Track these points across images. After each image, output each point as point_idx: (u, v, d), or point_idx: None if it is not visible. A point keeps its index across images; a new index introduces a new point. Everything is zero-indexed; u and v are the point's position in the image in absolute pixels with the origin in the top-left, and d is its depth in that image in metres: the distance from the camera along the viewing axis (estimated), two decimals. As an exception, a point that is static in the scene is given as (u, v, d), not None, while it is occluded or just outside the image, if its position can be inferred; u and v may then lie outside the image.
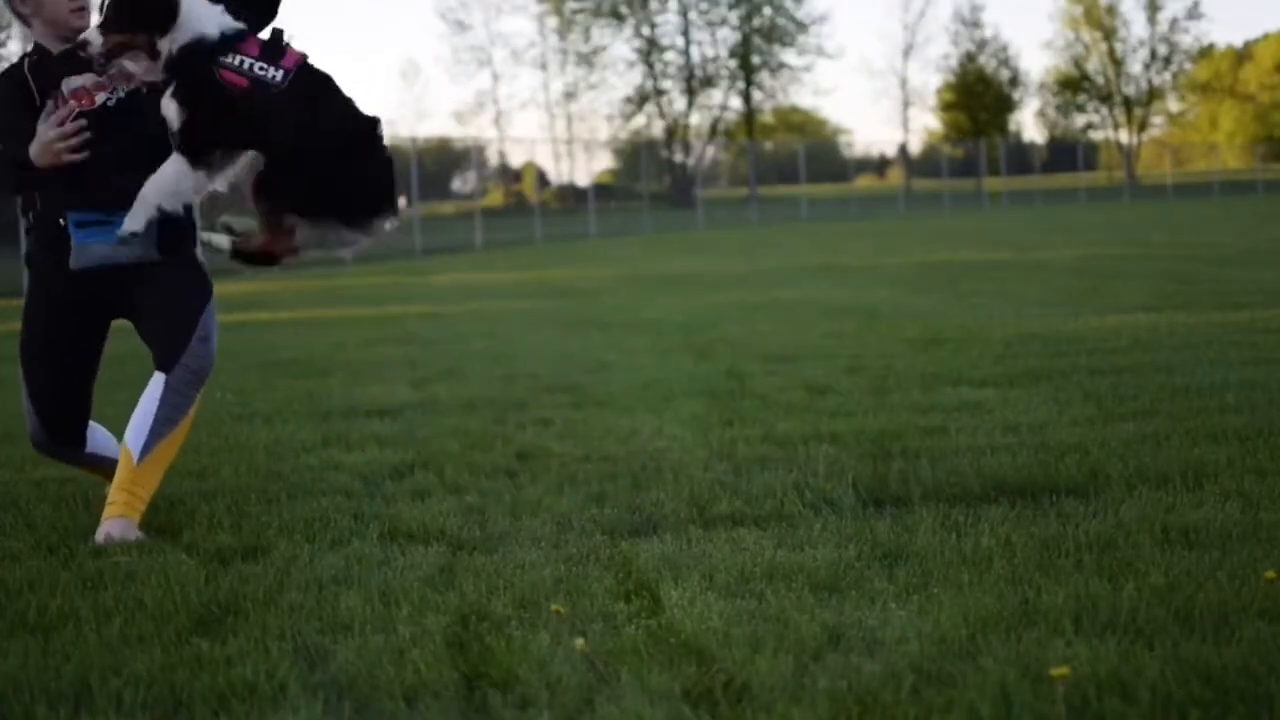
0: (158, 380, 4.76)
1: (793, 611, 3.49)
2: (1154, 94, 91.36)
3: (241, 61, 4.37)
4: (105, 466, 5.11)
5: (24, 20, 4.88)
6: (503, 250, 36.68)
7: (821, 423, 6.35)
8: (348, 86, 4.57)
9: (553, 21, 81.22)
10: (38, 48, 4.89)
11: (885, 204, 63.81)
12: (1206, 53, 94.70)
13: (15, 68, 4.92)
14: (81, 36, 4.50)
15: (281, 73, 4.38)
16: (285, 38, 4.48)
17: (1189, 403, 6.45)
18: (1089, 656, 3.04)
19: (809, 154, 63.44)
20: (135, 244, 4.68)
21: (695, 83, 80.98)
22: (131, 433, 4.73)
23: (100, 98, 4.77)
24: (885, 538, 4.18)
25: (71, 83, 4.78)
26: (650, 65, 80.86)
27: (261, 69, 4.37)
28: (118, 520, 4.63)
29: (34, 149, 4.66)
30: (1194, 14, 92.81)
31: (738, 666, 3.11)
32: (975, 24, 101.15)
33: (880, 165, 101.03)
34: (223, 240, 4.70)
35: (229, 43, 4.37)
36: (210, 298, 4.92)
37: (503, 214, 57.16)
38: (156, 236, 4.73)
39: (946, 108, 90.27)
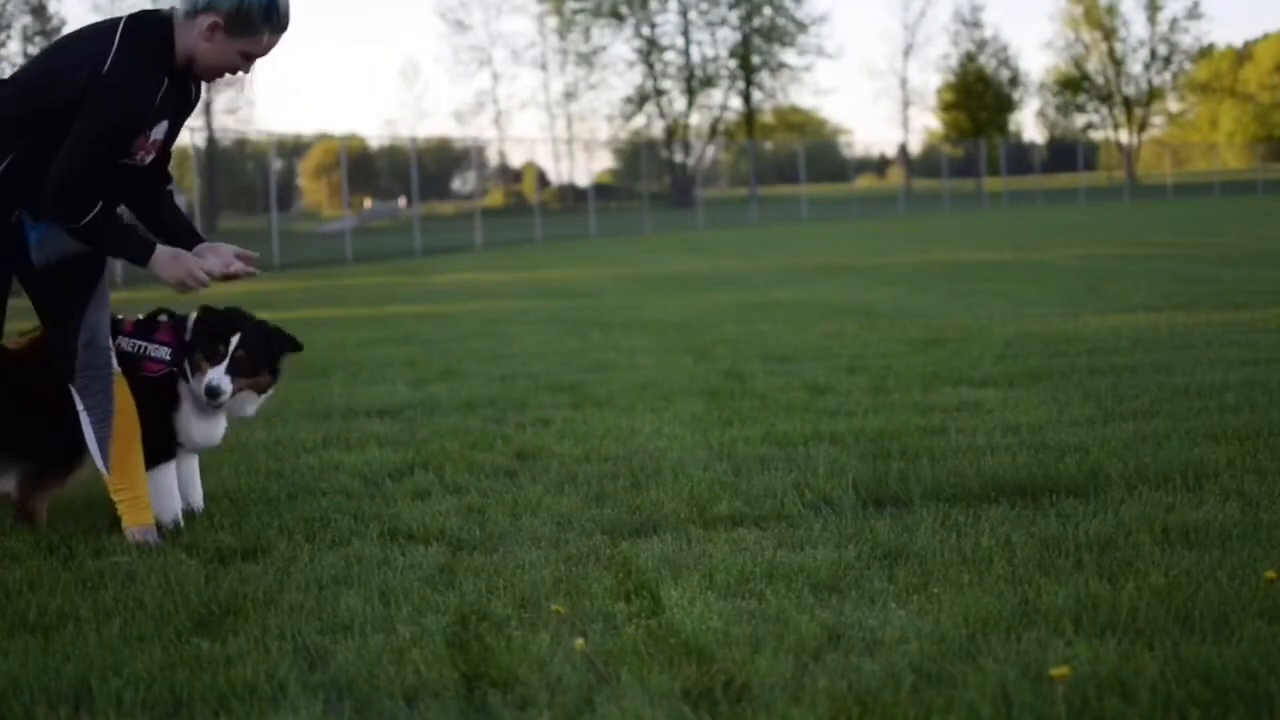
0: (74, 394, 4.66)
1: (793, 611, 3.49)
2: (1154, 94, 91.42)
3: None
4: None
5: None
6: (503, 250, 36.68)
7: (821, 423, 6.34)
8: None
9: (553, 21, 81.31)
10: (182, 65, 4.44)
11: (885, 204, 63.85)
12: (1206, 53, 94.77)
13: (155, 71, 4.36)
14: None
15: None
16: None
17: (1189, 403, 6.45)
18: (1089, 656, 3.04)
19: (809, 154, 63.50)
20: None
21: (695, 83, 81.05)
22: (91, 450, 4.71)
23: (149, 158, 4.50)
24: (885, 538, 4.18)
25: (159, 130, 4.45)
26: (650, 65, 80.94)
27: None
28: (128, 530, 4.64)
29: (164, 266, 4.51)
30: (1194, 14, 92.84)
31: (738, 666, 3.11)
32: (975, 24, 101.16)
33: (880, 165, 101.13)
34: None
35: None
36: (90, 297, 4.65)
37: (503, 214, 57.22)
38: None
39: (946, 108, 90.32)
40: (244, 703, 3.03)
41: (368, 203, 62.88)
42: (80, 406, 4.66)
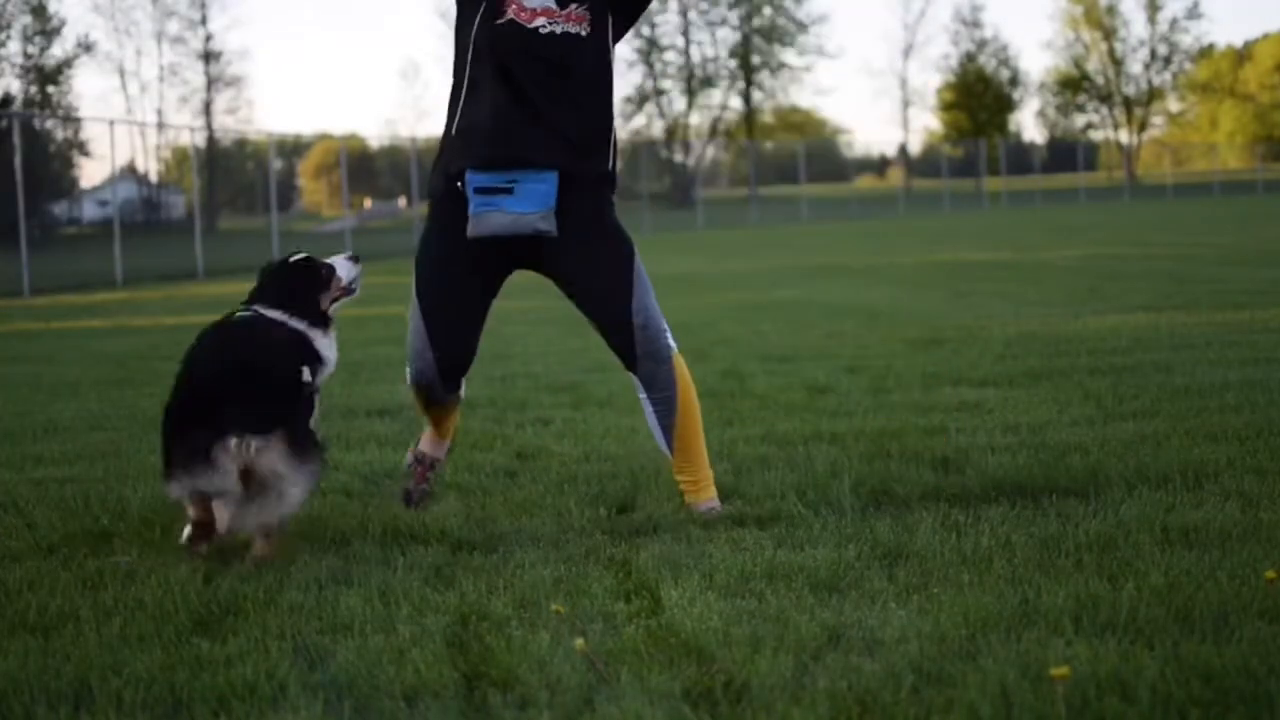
0: (635, 383, 4.79)
1: (793, 611, 3.49)
2: (1154, 94, 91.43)
3: None
4: (448, 422, 5.03)
5: None
6: (503, 250, 36.59)
7: (821, 423, 6.34)
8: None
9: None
10: None
11: (885, 204, 63.83)
12: (1206, 53, 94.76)
13: None
14: None
15: None
16: None
17: (1189, 403, 6.45)
18: (1089, 656, 3.04)
19: (809, 154, 63.48)
20: (536, 218, 4.51)
21: (695, 83, 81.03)
22: (654, 434, 4.83)
23: (539, 22, 4.47)
24: (885, 538, 4.18)
25: None
26: (650, 65, 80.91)
27: None
28: (700, 503, 4.72)
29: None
30: (1194, 14, 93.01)
31: (738, 666, 3.11)
32: (975, 24, 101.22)
33: (880, 165, 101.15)
34: None
35: None
36: (633, 257, 4.70)
37: (502, 214, 57.02)
38: (554, 207, 4.55)
39: (946, 108, 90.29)
40: (244, 703, 3.03)
41: (368, 203, 62.82)
42: (642, 395, 4.77)
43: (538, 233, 4.56)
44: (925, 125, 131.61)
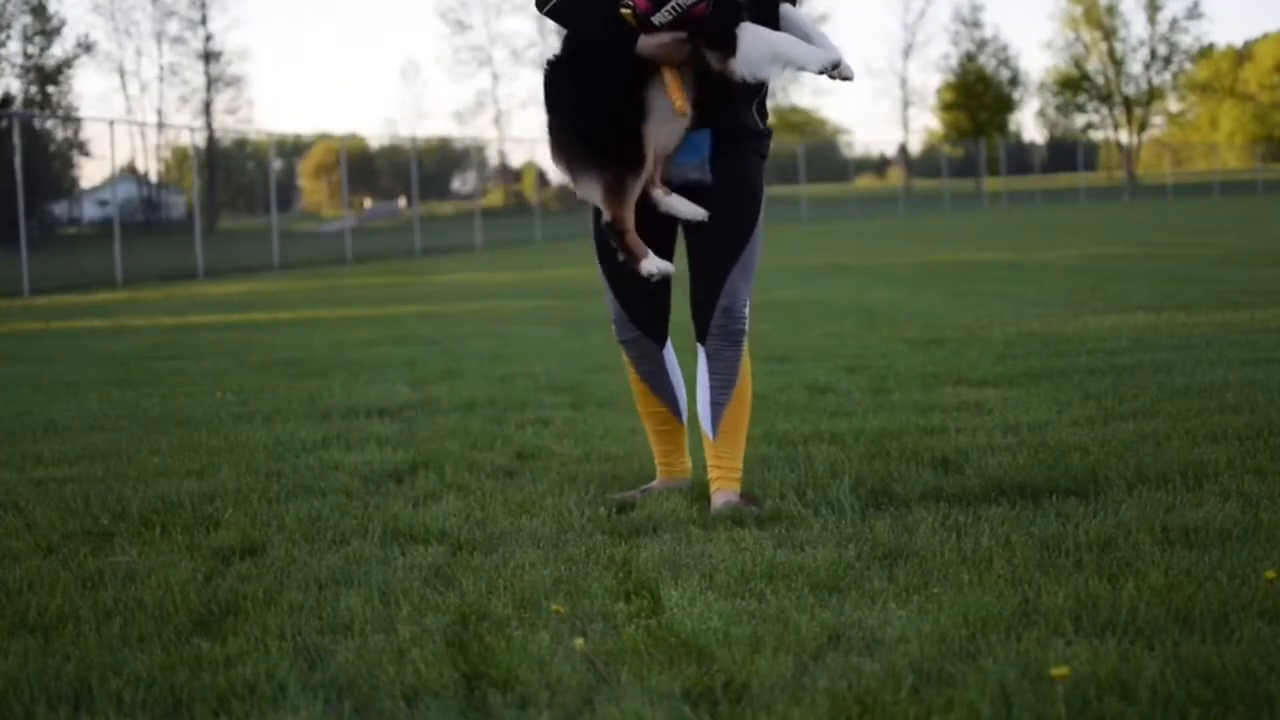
0: (700, 354, 4.85)
1: (793, 611, 3.49)
2: (1154, 94, 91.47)
3: None
4: (666, 399, 5.05)
5: None
6: (503, 250, 36.71)
7: (821, 423, 6.34)
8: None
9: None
10: None
11: (885, 204, 63.85)
12: (1206, 53, 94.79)
13: None
14: None
15: None
16: None
17: (1189, 403, 6.45)
18: (1089, 656, 3.04)
19: (809, 154, 63.48)
20: (688, 167, 4.72)
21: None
22: (700, 411, 4.86)
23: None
24: (885, 538, 4.18)
25: None
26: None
27: None
28: (722, 493, 4.75)
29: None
30: (1194, 14, 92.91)
31: (738, 666, 3.12)
32: (975, 24, 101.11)
33: (880, 165, 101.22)
34: None
35: None
36: (750, 231, 4.85)
37: (503, 214, 57.21)
38: (710, 156, 4.73)
39: (946, 107, 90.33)
40: (244, 703, 3.03)
41: (368, 203, 62.83)
42: (703, 368, 4.82)
43: (690, 183, 4.74)
44: (925, 125, 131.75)
